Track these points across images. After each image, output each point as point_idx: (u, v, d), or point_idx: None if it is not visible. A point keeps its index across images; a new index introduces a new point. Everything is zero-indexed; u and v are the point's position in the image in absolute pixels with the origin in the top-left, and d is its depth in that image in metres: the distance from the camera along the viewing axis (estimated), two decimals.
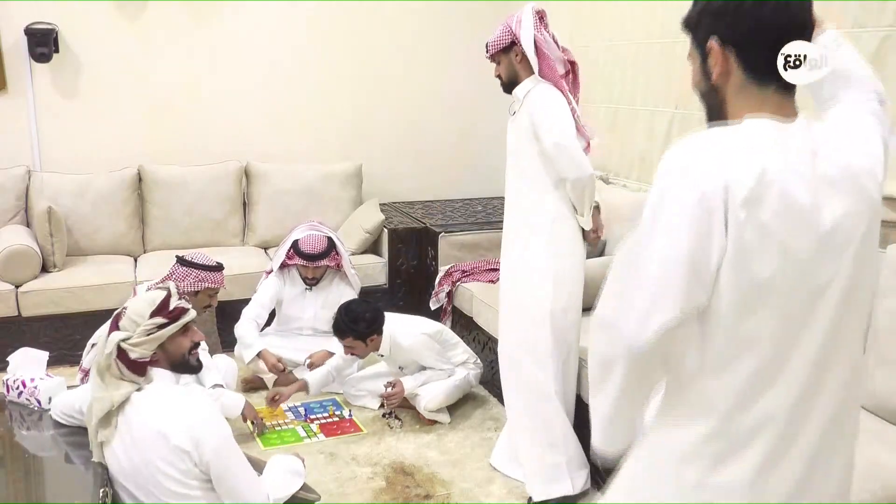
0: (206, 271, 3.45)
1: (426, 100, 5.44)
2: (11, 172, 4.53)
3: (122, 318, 2.13)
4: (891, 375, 2.52)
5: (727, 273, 1.18)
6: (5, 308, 4.07)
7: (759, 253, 1.17)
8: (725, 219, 1.15)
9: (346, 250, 4.17)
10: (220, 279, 3.50)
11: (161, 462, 2.02)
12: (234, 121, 5.06)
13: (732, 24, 1.28)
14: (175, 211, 4.76)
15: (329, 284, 4.15)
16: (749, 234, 1.16)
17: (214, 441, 2.05)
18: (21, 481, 2.31)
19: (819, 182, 1.21)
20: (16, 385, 2.61)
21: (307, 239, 3.99)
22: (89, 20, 4.69)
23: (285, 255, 4.04)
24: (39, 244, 4.26)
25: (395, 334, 3.60)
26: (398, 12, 5.27)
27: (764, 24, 1.28)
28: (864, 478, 2.17)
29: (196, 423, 2.05)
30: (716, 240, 1.16)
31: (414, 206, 5.34)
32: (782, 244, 1.17)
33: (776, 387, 1.22)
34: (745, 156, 1.18)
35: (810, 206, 1.19)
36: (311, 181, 4.98)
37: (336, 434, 3.55)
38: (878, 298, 2.60)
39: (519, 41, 2.86)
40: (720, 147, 1.20)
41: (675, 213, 1.17)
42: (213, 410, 2.16)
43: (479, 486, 3.12)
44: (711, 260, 1.16)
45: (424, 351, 3.64)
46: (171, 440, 2.01)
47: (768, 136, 1.22)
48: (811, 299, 1.22)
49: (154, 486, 2.04)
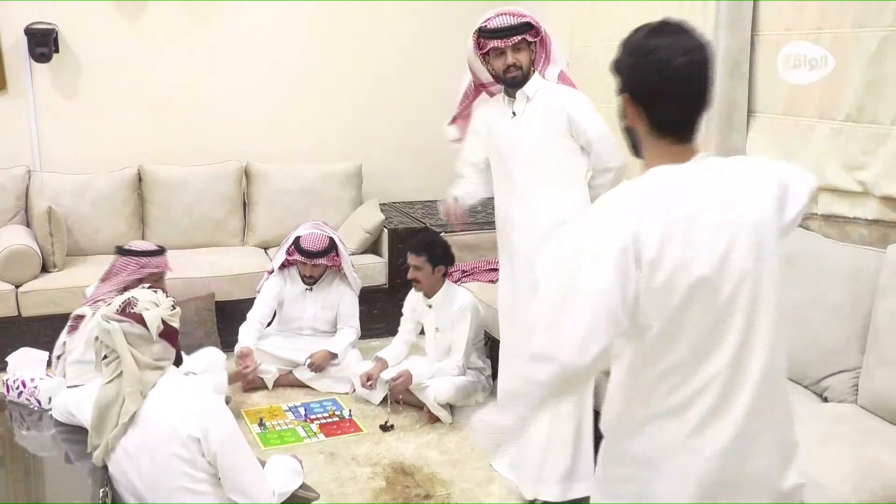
0: (146, 257, 3.42)
1: (426, 100, 5.42)
2: (11, 172, 4.53)
3: (137, 305, 2.15)
4: (891, 375, 2.52)
5: (646, 300, 1.39)
6: (5, 308, 4.07)
7: (671, 282, 1.38)
8: (638, 260, 1.37)
9: (347, 252, 4.17)
10: (162, 262, 3.45)
11: (172, 457, 2.04)
12: (234, 121, 5.06)
13: (639, 83, 1.47)
14: (175, 211, 4.76)
15: (329, 285, 4.15)
16: (659, 271, 1.37)
17: (222, 432, 2.09)
18: (21, 481, 2.31)
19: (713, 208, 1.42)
20: (16, 385, 2.61)
21: (309, 236, 3.99)
22: (89, 20, 4.69)
23: (286, 251, 4.04)
24: (39, 244, 4.26)
25: (454, 289, 3.84)
26: (398, 12, 5.27)
27: (666, 88, 1.44)
28: (864, 477, 2.18)
29: (205, 413, 2.09)
30: (632, 279, 1.37)
31: (414, 206, 5.33)
32: (687, 270, 1.38)
33: (709, 361, 1.42)
34: (650, 205, 1.41)
35: (709, 234, 1.40)
36: (311, 181, 4.98)
37: (336, 434, 3.55)
38: (878, 298, 2.60)
39: (547, 39, 2.83)
40: (630, 199, 1.44)
41: (599, 258, 1.38)
42: (222, 403, 2.21)
43: (479, 486, 3.12)
44: (629, 295, 1.38)
45: (467, 320, 3.72)
46: (181, 431, 2.04)
47: (669, 182, 1.45)
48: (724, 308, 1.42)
49: (164, 481, 2.05)
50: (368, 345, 4.33)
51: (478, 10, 2.88)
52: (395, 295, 4.72)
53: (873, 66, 2.79)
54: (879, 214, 2.87)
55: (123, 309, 2.14)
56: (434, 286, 3.78)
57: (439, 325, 3.82)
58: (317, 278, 4.09)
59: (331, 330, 4.20)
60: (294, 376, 4.00)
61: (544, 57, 2.88)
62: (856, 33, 2.85)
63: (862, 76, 2.82)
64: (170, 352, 2.18)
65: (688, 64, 1.42)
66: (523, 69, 2.81)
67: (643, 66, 1.45)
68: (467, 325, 3.73)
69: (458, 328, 3.75)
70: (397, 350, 3.90)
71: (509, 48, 2.79)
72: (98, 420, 2.11)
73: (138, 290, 2.25)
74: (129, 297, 2.18)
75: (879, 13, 2.77)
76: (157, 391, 2.11)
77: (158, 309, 2.15)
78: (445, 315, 3.79)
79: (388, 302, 4.59)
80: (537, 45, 2.86)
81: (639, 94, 1.48)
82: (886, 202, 2.84)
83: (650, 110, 1.47)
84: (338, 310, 4.16)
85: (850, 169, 2.91)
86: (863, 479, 2.17)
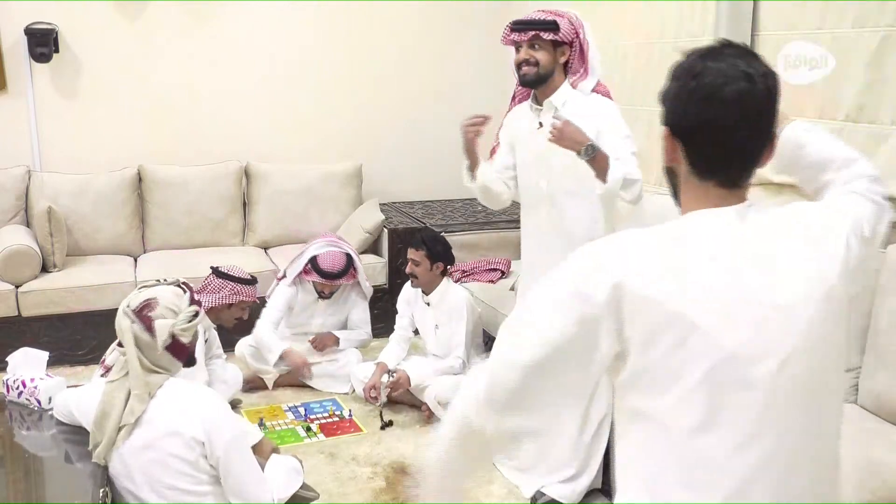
0: (241, 284, 3.45)
1: (426, 100, 5.43)
2: (11, 172, 4.53)
3: (156, 308, 2.12)
4: (891, 375, 2.52)
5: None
6: (5, 308, 4.07)
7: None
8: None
9: (361, 263, 4.15)
10: (254, 293, 3.50)
11: (174, 459, 2.04)
12: (234, 121, 5.06)
13: (681, 113, 1.24)
14: (175, 211, 4.76)
15: (341, 295, 4.14)
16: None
17: (227, 435, 2.08)
18: (21, 481, 2.31)
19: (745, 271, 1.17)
20: (16, 385, 2.61)
21: (326, 256, 3.93)
22: (89, 20, 4.69)
23: (303, 269, 3.98)
24: (39, 244, 4.26)
25: (451, 286, 3.83)
26: (398, 12, 5.27)
27: (709, 124, 1.21)
28: (864, 476, 2.18)
29: (210, 416, 2.09)
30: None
31: (414, 206, 5.34)
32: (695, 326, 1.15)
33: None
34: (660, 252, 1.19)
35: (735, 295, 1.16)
36: (311, 181, 4.98)
37: (336, 434, 3.55)
38: (878, 298, 2.60)
39: (585, 46, 2.69)
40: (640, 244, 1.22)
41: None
42: (227, 407, 2.20)
43: (479, 486, 3.12)
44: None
45: (464, 315, 3.72)
46: (185, 433, 2.04)
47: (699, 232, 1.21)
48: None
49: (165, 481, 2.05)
50: (368, 345, 4.33)
51: (478, 10, 2.87)
52: (395, 295, 4.71)
53: (873, 66, 2.79)
54: None
55: (142, 309, 2.13)
56: (432, 282, 3.77)
57: (438, 322, 3.82)
58: (334, 292, 4.09)
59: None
60: (294, 376, 4.00)
61: (583, 69, 2.73)
62: (856, 33, 2.85)
63: (862, 76, 2.83)
64: (175, 364, 2.16)
65: (744, 93, 1.18)
66: (539, 68, 2.66)
67: (688, 91, 1.22)
68: (465, 320, 3.74)
69: (456, 324, 3.76)
70: (396, 351, 3.90)
71: (525, 42, 2.66)
72: (101, 417, 2.11)
73: (167, 289, 2.20)
74: (153, 297, 2.15)
75: (879, 13, 2.77)
76: (164, 392, 2.11)
77: (173, 320, 2.12)
78: (443, 312, 3.80)
79: (389, 302, 4.59)
80: (576, 55, 2.72)
81: (679, 125, 1.24)
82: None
83: (691, 145, 1.24)
84: (349, 316, 4.17)
85: None
86: (863, 479, 2.17)
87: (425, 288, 3.80)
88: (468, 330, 3.76)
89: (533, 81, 2.72)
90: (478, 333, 3.91)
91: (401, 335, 3.95)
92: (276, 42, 5.09)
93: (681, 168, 1.27)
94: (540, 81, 2.70)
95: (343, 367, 3.99)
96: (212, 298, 3.38)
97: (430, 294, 3.81)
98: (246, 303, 3.49)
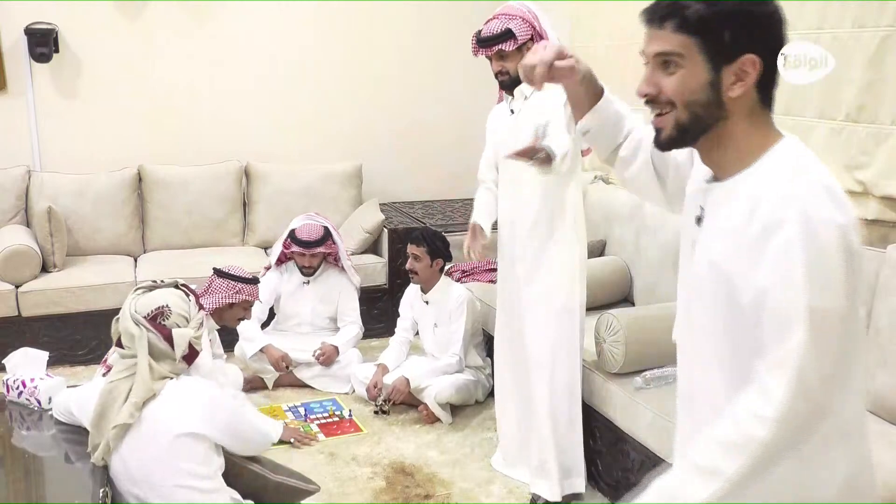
0: (243, 283, 3.46)
1: (426, 100, 5.43)
2: (11, 172, 4.53)
3: (170, 316, 2.15)
4: (891, 375, 2.52)
5: None
6: (5, 308, 4.07)
7: None
8: None
9: (341, 240, 4.20)
10: (255, 292, 3.52)
11: (176, 457, 2.06)
12: (234, 121, 5.06)
13: (772, 38, 1.19)
14: (175, 211, 4.76)
15: (327, 279, 4.16)
16: None
17: (223, 415, 2.16)
18: (21, 481, 2.31)
19: None
20: (16, 385, 2.61)
21: (304, 227, 4.04)
22: (89, 20, 4.69)
23: (283, 244, 4.06)
24: (39, 244, 4.26)
25: (451, 284, 3.87)
26: (398, 12, 5.27)
27: (783, 39, 1.21)
28: None
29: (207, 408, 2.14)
30: None
31: (414, 206, 5.34)
32: None
33: None
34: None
35: None
36: (311, 181, 4.98)
37: (336, 434, 3.54)
38: (878, 298, 2.60)
39: (544, 35, 2.80)
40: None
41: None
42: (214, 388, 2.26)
43: (479, 486, 3.12)
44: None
45: (464, 314, 3.73)
46: (186, 430, 2.07)
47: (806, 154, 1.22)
48: None
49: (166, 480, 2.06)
50: (369, 344, 4.33)
51: (477, 10, 2.88)
52: (395, 295, 4.71)
53: (873, 66, 2.79)
54: (879, 214, 2.87)
55: (154, 317, 2.14)
56: (431, 279, 3.79)
57: (437, 320, 3.83)
58: (315, 268, 4.11)
59: (330, 327, 4.21)
60: (294, 376, 4.00)
61: None
62: (856, 33, 2.85)
63: (862, 76, 2.83)
64: (183, 369, 2.21)
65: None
66: (511, 74, 2.81)
67: (777, 15, 1.20)
68: (464, 319, 3.74)
69: (455, 322, 3.76)
70: (396, 353, 3.89)
71: (492, 56, 2.84)
72: (98, 418, 2.11)
73: (172, 293, 2.23)
74: (164, 306, 2.17)
75: (879, 13, 2.77)
76: (162, 392, 2.12)
77: (189, 330, 2.16)
78: (442, 310, 3.80)
79: (388, 302, 4.59)
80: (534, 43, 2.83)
81: (774, 50, 1.19)
82: (886, 202, 2.84)
83: (774, 71, 1.20)
84: (337, 305, 4.17)
85: (849, 169, 2.92)
86: None
87: (424, 285, 3.81)
88: (467, 329, 3.76)
89: (510, 86, 2.89)
90: (477, 332, 3.91)
91: (402, 338, 3.95)
92: (276, 42, 5.09)
93: (741, 102, 1.21)
94: (516, 83, 2.83)
95: (343, 367, 3.99)
96: (215, 299, 3.38)
97: (428, 292, 3.82)
98: (248, 301, 3.50)
